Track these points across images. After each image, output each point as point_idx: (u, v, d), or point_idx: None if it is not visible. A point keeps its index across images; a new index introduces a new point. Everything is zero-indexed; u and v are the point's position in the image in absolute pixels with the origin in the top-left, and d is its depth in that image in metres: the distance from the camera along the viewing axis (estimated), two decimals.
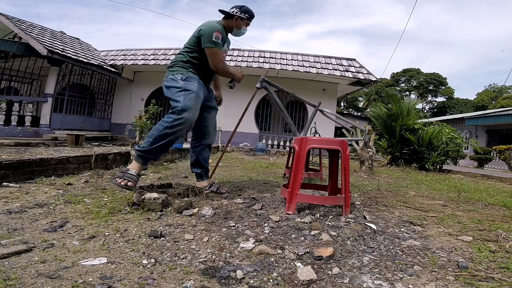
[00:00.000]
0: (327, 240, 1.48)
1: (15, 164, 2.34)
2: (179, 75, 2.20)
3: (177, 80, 2.18)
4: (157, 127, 2.08)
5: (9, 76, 8.08)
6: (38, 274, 0.98)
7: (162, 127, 2.05)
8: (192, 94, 2.12)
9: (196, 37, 2.21)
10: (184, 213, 1.77)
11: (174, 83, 2.18)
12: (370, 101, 30.65)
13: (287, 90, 2.82)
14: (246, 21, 2.36)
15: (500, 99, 30.93)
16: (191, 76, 2.21)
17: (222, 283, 1.03)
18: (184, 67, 2.23)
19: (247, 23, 2.38)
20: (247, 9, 2.34)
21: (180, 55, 2.29)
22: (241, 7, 2.32)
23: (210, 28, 2.14)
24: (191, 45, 2.24)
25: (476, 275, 1.15)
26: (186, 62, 2.24)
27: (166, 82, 2.24)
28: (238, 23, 2.33)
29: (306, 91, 8.98)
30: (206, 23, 2.21)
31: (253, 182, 3.15)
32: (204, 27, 2.16)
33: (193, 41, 2.23)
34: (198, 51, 2.23)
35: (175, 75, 2.21)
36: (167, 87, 2.22)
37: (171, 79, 2.21)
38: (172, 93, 2.15)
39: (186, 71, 2.22)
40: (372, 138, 5.32)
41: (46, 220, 1.51)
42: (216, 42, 2.14)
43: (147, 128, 4.27)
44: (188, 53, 2.25)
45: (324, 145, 2.16)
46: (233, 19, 2.32)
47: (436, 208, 2.35)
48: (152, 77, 10.31)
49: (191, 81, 2.19)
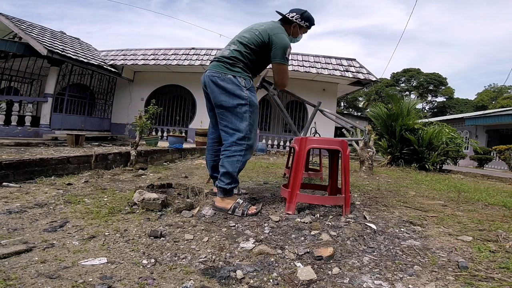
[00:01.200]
0: (327, 240, 1.48)
1: (15, 164, 2.34)
2: (243, 80, 1.87)
3: (241, 86, 1.85)
4: (231, 163, 1.84)
5: (9, 76, 8.09)
6: (38, 274, 0.98)
7: (237, 163, 1.84)
8: (256, 110, 1.89)
9: (261, 40, 1.90)
10: (184, 213, 1.77)
11: (237, 90, 1.84)
12: (370, 101, 30.66)
13: (287, 90, 2.81)
14: (304, 29, 2.12)
15: (500, 99, 30.94)
16: (253, 85, 1.92)
17: (222, 283, 1.03)
18: (245, 71, 1.91)
19: (305, 31, 2.15)
20: (308, 16, 2.08)
21: (238, 52, 1.91)
22: (302, 13, 2.05)
23: (284, 42, 1.89)
24: (255, 46, 1.91)
25: (476, 275, 1.15)
26: (246, 65, 1.92)
27: (222, 82, 1.85)
28: (296, 31, 2.09)
29: (306, 91, 8.99)
30: (276, 30, 1.92)
31: (253, 182, 3.15)
32: (276, 38, 1.88)
33: (257, 42, 1.91)
34: (259, 54, 1.94)
35: (237, 78, 1.86)
36: (224, 88, 1.84)
37: (232, 81, 1.84)
38: (234, 104, 1.82)
39: (248, 76, 1.92)
40: (372, 138, 5.32)
41: (46, 220, 1.51)
42: (288, 58, 1.93)
43: (147, 128, 4.27)
44: (249, 55, 1.92)
45: (324, 145, 2.16)
46: (291, 25, 2.07)
47: (436, 208, 2.35)
48: (152, 77, 10.31)
49: (254, 92, 1.91)
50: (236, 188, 1.95)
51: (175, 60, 9.38)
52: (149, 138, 5.96)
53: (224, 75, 1.86)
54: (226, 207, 1.83)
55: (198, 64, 9.10)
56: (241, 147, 1.83)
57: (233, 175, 1.85)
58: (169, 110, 10.78)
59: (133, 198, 1.87)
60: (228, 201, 1.86)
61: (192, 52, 9.90)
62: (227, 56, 1.91)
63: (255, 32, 1.94)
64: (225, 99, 1.84)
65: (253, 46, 1.92)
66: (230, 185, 1.86)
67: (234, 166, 1.84)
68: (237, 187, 2.21)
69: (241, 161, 1.86)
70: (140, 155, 3.95)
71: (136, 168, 3.55)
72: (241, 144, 1.84)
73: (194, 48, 10.15)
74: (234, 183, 1.88)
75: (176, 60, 9.41)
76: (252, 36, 1.93)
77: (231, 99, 1.83)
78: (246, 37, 1.95)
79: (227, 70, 1.88)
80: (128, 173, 3.21)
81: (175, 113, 10.79)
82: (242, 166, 1.88)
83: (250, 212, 1.81)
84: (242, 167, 1.89)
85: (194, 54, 9.76)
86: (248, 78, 1.92)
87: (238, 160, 1.84)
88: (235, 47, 1.95)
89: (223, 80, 1.85)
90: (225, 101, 1.84)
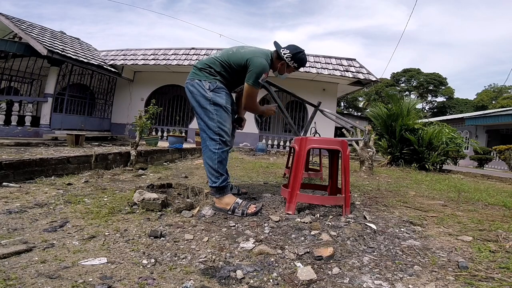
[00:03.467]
0: (327, 240, 1.48)
1: (15, 164, 2.34)
2: (207, 83, 1.98)
3: (205, 89, 1.97)
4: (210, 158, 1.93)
5: (9, 76, 8.08)
6: (38, 274, 0.98)
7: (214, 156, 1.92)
8: (221, 109, 1.96)
9: (239, 63, 1.98)
10: (184, 213, 1.77)
11: (202, 92, 1.97)
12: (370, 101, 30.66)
13: (287, 90, 2.81)
14: (291, 69, 2.13)
15: (500, 99, 30.94)
16: (219, 87, 2.01)
17: (222, 283, 1.03)
18: (212, 75, 2.01)
19: (292, 70, 2.16)
20: (301, 58, 2.07)
21: (212, 60, 2.04)
22: (296, 53, 2.04)
23: (261, 67, 1.92)
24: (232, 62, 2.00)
25: (476, 275, 1.15)
26: (217, 72, 2.02)
27: (191, 87, 2.01)
28: (283, 69, 2.11)
29: (306, 91, 8.98)
30: (258, 54, 1.98)
31: (253, 182, 3.15)
32: (255, 62, 1.92)
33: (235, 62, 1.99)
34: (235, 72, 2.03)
35: (202, 82, 1.98)
36: (192, 92, 2.00)
37: (198, 85, 1.98)
38: (201, 105, 1.95)
39: (215, 79, 2.01)
40: (372, 138, 5.32)
41: (46, 220, 1.51)
42: (260, 83, 1.97)
43: (147, 128, 4.27)
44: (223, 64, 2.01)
45: (324, 145, 2.16)
46: (280, 61, 2.08)
47: (436, 208, 2.35)
48: (152, 77, 10.31)
49: (220, 93, 2.00)
50: (227, 185, 1.99)
51: (175, 60, 9.38)
52: (149, 138, 5.96)
53: (192, 80, 2.03)
54: (225, 208, 1.88)
55: None
56: (215, 142, 1.93)
57: (215, 169, 1.92)
58: (169, 110, 10.78)
59: (133, 198, 1.87)
60: (227, 201, 1.90)
61: (192, 52, 9.90)
62: (198, 64, 2.09)
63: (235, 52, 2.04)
64: (194, 101, 2.00)
65: (231, 61, 2.01)
66: (218, 181, 1.91)
67: (213, 160, 1.92)
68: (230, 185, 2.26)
69: (217, 153, 1.93)
70: (140, 155, 3.95)
71: (136, 168, 3.55)
72: (214, 139, 1.93)
73: (194, 48, 10.16)
74: (221, 177, 1.93)
75: (176, 60, 9.42)
76: (231, 54, 2.04)
77: (199, 101, 1.98)
78: (227, 53, 2.06)
79: (195, 75, 2.04)
80: (128, 173, 3.21)
81: (175, 113, 10.79)
82: (220, 157, 1.93)
83: (249, 212, 1.84)
84: (221, 159, 1.94)
85: (194, 54, 9.76)
86: (214, 81, 2.00)
87: (214, 153, 1.92)
88: (212, 56, 2.09)
89: (192, 86, 2.02)
90: (195, 103, 2.00)
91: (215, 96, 1.97)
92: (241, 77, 2.04)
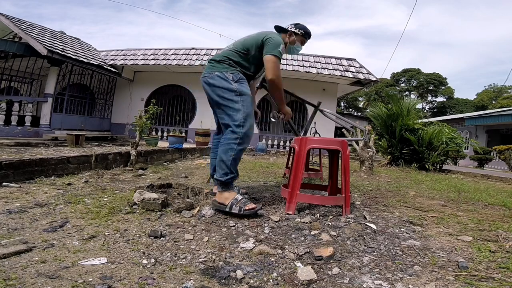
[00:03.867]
0: (327, 240, 1.48)
1: (15, 164, 2.34)
2: (230, 74, 1.98)
3: (228, 80, 1.96)
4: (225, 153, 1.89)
5: (9, 76, 8.08)
6: (38, 274, 0.98)
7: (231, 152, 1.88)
8: (248, 99, 1.96)
9: (256, 44, 2.03)
10: (184, 213, 1.77)
11: (225, 84, 1.94)
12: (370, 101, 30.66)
13: (287, 90, 2.81)
14: (300, 37, 2.25)
15: (500, 99, 30.95)
16: (242, 77, 2.02)
17: (222, 283, 1.03)
18: (233, 66, 2.02)
19: (302, 40, 2.27)
20: (303, 26, 2.25)
21: (229, 51, 2.06)
22: (296, 24, 2.25)
23: (279, 39, 2.01)
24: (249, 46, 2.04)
25: (476, 275, 1.15)
26: (236, 62, 2.04)
27: (212, 80, 1.98)
28: (293, 39, 2.23)
29: (306, 91, 8.98)
30: (271, 33, 2.09)
31: (253, 182, 3.15)
32: (272, 36, 2.02)
33: (250, 43, 2.04)
34: (253, 57, 2.06)
35: (224, 73, 1.97)
36: (214, 85, 1.97)
37: (220, 77, 1.96)
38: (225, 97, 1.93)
39: (236, 70, 2.01)
40: (372, 138, 5.32)
41: (46, 220, 1.51)
42: (281, 53, 1.99)
43: (147, 128, 4.27)
44: (241, 53, 2.04)
45: (324, 145, 2.16)
46: (287, 34, 2.23)
47: (436, 208, 2.35)
48: (152, 77, 10.31)
49: (243, 83, 2.00)
50: (232, 182, 1.95)
51: (175, 60, 9.38)
52: (149, 138, 5.96)
53: (212, 73, 2.00)
54: (224, 203, 1.83)
55: (198, 64, 9.10)
56: (235, 135, 1.89)
57: (227, 165, 1.88)
58: (169, 110, 10.78)
59: (133, 198, 1.87)
60: (227, 196, 1.85)
61: (192, 52, 9.91)
62: (216, 57, 2.08)
63: (249, 37, 2.12)
64: (217, 95, 1.97)
65: (246, 46, 2.05)
66: (225, 177, 1.88)
67: (228, 155, 1.89)
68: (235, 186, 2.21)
69: (235, 149, 1.89)
70: (140, 155, 3.95)
71: (136, 168, 3.55)
72: (236, 132, 1.89)
73: (194, 48, 10.16)
74: (230, 174, 1.89)
75: (176, 60, 9.42)
76: (245, 39, 2.10)
77: (222, 93, 1.95)
78: (240, 41, 2.13)
79: (214, 68, 2.02)
80: (128, 173, 3.21)
81: (175, 113, 10.79)
82: (236, 155, 1.90)
83: (247, 208, 1.77)
84: (236, 156, 1.90)
85: (194, 54, 9.76)
86: (236, 72, 2.01)
87: (232, 148, 1.88)
88: (227, 49, 2.11)
89: (212, 78, 1.99)
90: (217, 96, 1.97)
91: (240, 86, 1.96)
92: (260, 62, 2.07)
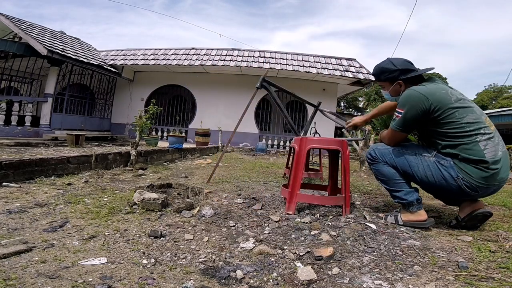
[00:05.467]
0: (327, 240, 1.48)
1: (15, 164, 2.34)
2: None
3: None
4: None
5: (9, 76, 8.09)
6: (38, 274, 0.98)
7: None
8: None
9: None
10: (184, 213, 1.77)
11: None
12: (370, 101, 30.65)
13: (287, 90, 2.82)
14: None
15: (500, 99, 30.95)
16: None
17: (222, 283, 1.03)
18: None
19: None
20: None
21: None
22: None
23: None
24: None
25: (476, 275, 1.15)
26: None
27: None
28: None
29: (306, 91, 8.99)
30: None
31: (253, 182, 3.15)
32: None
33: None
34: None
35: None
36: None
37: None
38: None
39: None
40: (372, 138, 5.32)
41: (46, 220, 1.51)
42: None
43: (147, 128, 4.27)
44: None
45: (324, 145, 2.16)
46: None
47: (436, 208, 2.35)
48: (152, 77, 10.32)
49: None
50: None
51: (175, 60, 9.39)
52: (149, 138, 5.96)
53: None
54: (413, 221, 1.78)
55: (198, 64, 9.10)
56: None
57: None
58: (169, 110, 10.78)
59: (133, 198, 1.87)
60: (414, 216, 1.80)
61: (192, 52, 9.91)
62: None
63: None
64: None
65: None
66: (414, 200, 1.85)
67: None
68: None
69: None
70: (140, 155, 3.95)
71: (136, 168, 3.55)
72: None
73: (194, 48, 10.16)
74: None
75: (176, 60, 9.42)
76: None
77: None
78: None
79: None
80: (128, 173, 3.21)
81: (175, 113, 10.79)
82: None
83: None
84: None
85: (194, 54, 9.77)
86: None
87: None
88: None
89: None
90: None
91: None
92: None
